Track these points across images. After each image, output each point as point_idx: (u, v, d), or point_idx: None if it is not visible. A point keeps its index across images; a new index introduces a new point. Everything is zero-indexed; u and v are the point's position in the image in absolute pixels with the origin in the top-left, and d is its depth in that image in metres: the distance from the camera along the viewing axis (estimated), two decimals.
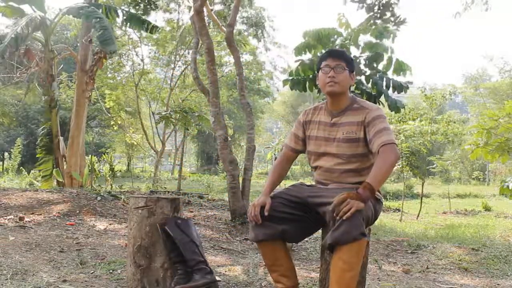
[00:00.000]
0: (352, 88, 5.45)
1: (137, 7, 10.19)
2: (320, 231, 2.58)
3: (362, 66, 5.88)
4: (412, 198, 18.13)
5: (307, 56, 5.97)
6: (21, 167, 16.36)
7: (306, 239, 2.93)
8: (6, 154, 21.77)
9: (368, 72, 5.85)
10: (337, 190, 2.34)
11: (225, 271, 3.44)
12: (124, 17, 9.87)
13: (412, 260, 4.32)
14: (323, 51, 5.52)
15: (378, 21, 6.32)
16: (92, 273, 3.14)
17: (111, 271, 3.21)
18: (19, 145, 18.42)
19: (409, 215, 11.95)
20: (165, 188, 11.18)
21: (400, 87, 5.75)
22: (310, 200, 2.39)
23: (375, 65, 5.80)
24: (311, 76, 5.83)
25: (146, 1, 9.84)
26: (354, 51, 5.94)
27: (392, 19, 6.32)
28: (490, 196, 18.32)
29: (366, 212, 2.20)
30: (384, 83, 5.76)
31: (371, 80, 5.79)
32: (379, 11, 6.25)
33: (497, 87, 28.62)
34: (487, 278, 3.73)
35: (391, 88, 5.77)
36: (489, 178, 28.43)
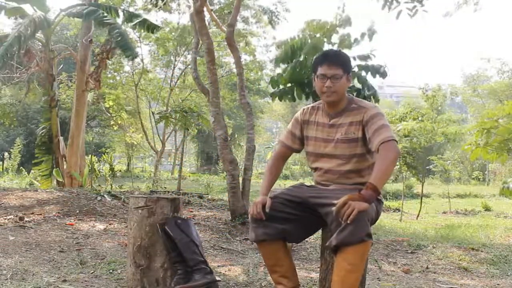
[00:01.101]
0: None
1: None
2: (320, 231, 2.58)
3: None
4: (412, 198, 18.13)
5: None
6: (21, 167, 16.37)
7: (306, 239, 2.93)
8: (6, 154, 21.78)
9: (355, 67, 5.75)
10: (338, 191, 2.33)
11: (225, 271, 3.44)
12: (125, 17, 9.86)
13: (412, 260, 4.31)
14: (300, 59, 5.46)
15: (395, 5, 5.87)
16: (92, 273, 3.14)
17: (111, 271, 3.21)
18: (19, 145, 18.43)
19: (409, 215, 11.96)
20: (165, 188, 11.17)
21: (380, 72, 5.64)
22: (311, 201, 2.38)
23: (353, 57, 5.68)
24: (298, 83, 5.72)
25: None
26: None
27: None
28: (490, 196, 18.31)
29: (370, 213, 2.20)
30: (370, 73, 5.66)
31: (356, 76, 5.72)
32: None
33: (496, 88, 28.64)
34: (487, 278, 3.73)
35: (371, 75, 5.67)
36: (489, 178, 28.41)
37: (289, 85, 5.75)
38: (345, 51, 5.64)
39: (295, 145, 2.65)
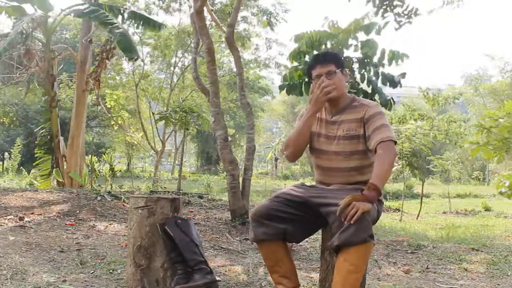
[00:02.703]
0: (348, 88, 5.39)
1: None
2: (320, 230, 2.57)
3: (356, 65, 5.82)
4: (412, 198, 18.13)
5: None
6: (21, 167, 16.36)
7: (306, 239, 2.93)
8: (6, 154, 21.78)
9: (363, 70, 5.79)
10: (340, 191, 2.33)
11: (225, 271, 3.44)
12: (127, 16, 9.81)
13: (412, 260, 4.31)
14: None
15: (387, 14, 6.08)
16: (92, 273, 3.14)
17: (111, 271, 3.21)
18: (19, 145, 18.41)
19: (409, 215, 11.94)
20: (165, 188, 11.18)
21: (393, 82, 5.69)
22: (312, 200, 2.38)
23: (367, 60, 5.72)
24: (306, 79, 5.77)
25: None
26: (346, 52, 5.88)
27: (403, 10, 6.08)
28: (490, 196, 18.30)
29: (372, 214, 2.20)
30: (380, 80, 5.70)
31: (366, 78, 5.75)
32: (387, 1, 6.01)
33: (496, 87, 28.66)
34: (487, 278, 3.73)
35: (382, 84, 5.70)
36: (489, 178, 28.43)
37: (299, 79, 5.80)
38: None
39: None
